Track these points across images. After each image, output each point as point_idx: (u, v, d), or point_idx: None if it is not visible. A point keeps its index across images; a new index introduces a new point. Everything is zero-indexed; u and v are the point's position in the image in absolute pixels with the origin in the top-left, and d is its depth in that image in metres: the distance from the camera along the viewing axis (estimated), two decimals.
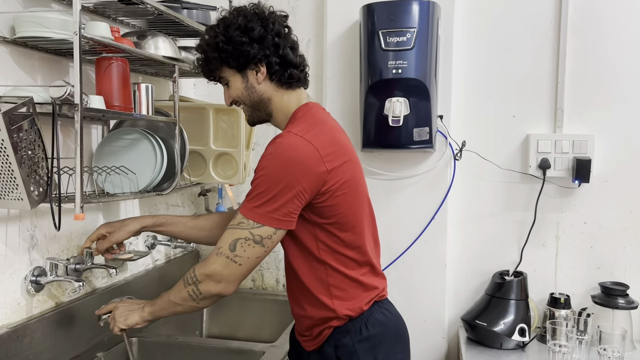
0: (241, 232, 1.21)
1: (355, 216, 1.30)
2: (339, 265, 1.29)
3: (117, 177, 1.58)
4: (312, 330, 1.34)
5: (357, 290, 1.32)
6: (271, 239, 1.22)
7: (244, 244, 1.21)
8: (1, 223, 1.36)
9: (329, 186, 1.23)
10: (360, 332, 1.31)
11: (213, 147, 1.97)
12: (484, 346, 1.91)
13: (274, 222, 1.20)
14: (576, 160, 1.95)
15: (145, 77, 1.93)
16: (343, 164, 1.27)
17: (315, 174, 1.21)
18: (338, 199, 1.25)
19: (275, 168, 1.20)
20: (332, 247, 1.28)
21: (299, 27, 2.25)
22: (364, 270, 1.34)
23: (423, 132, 1.92)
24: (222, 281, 1.23)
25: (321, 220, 1.26)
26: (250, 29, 1.28)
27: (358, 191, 1.32)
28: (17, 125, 1.20)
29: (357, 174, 1.33)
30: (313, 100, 1.41)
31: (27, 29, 1.32)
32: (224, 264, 1.22)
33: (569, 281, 2.05)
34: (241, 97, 1.35)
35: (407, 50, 1.87)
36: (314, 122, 1.31)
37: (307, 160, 1.20)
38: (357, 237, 1.31)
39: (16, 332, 1.38)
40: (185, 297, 1.27)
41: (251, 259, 1.22)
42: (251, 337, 2.08)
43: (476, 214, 2.11)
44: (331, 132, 1.31)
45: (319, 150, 1.22)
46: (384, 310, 1.37)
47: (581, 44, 1.99)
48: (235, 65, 1.31)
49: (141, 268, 1.96)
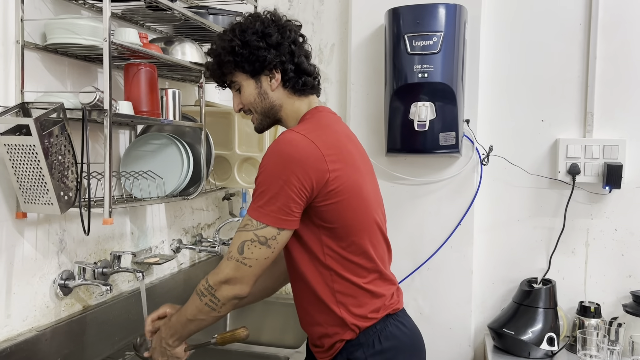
0: (247, 234, 1.20)
1: (361, 222, 1.27)
2: (345, 272, 1.26)
3: (144, 181, 1.59)
4: (324, 342, 1.31)
5: (364, 298, 1.28)
6: (276, 239, 1.20)
7: (251, 246, 1.19)
8: (31, 227, 1.38)
9: (331, 188, 1.20)
10: (373, 345, 1.27)
11: (238, 151, 1.97)
12: (512, 355, 1.88)
13: (277, 222, 1.18)
14: (607, 165, 1.91)
15: (172, 82, 1.95)
16: (344, 167, 1.24)
17: (316, 171, 1.18)
18: (340, 203, 1.22)
19: (275, 165, 1.18)
20: (338, 253, 1.25)
21: (323, 31, 2.25)
22: (371, 277, 1.29)
23: (449, 137, 1.90)
24: (237, 283, 1.22)
25: (326, 224, 1.24)
26: (267, 34, 1.27)
27: (362, 197, 1.27)
28: (48, 131, 1.22)
29: (359, 181, 1.27)
30: (324, 106, 1.40)
31: (58, 35, 1.34)
32: (235, 267, 1.21)
33: (599, 289, 2.00)
34: (253, 103, 1.33)
35: (433, 54, 1.85)
36: (318, 124, 1.29)
37: (308, 157, 1.18)
38: (363, 243, 1.27)
39: (45, 335, 1.39)
40: (204, 310, 1.25)
41: (260, 260, 1.20)
42: (274, 342, 2.08)
43: (503, 220, 2.08)
44: (335, 135, 1.28)
45: (320, 149, 1.20)
46: (398, 324, 1.33)
47: (611, 46, 1.95)
48: (250, 70, 1.29)
49: (167, 272, 1.97)
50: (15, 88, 1.31)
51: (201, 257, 2.23)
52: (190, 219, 2.12)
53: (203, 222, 2.22)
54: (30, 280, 1.39)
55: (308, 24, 2.26)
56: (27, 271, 1.38)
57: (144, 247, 1.82)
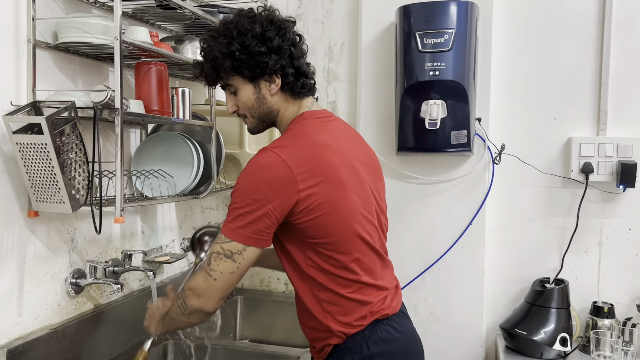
0: (215, 246, 1.22)
1: (340, 236, 1.23)
2: (328, 283, 1.26)
3: (155, 180, 1.59)
4: (315, 344, 1.33)
5: (349, 306, 1.27)
6: (241, 254, 1.20)
7: (217, 258, 1.21)
8: (43, 226, 1.39)
9: (304, 206, 1.19)
10: (360, 350, 1.26)
11: (248, 150, 1.97)
12: (524, 355, 1.86)
13: (243, 239, 1.19)
14: (621, 164, 1.88)
15: (182, 81, 1.95)
16: (320, 183, 1.20)
17: (287, 193, 1.17)
18: (318, 220, 1.21)
19: (247, 186, 1.19)
20: (320, 266, 1.25)
21: (333, 29, 2.24)
22: (355, 287, 1.27)
23: (461, 135, 1.88)
24: (201, 296, 1.23)
25: (306, 239, 1.23)
26: (268, 38, 1.22)
27: (341, 211, 1.22)
28: (60, 130, 1.22)
29: (337, 194, 1.22)
30: (317, 108, 1.34)
31: (69, 34, 1.34)
32: (203, 277, 1.22)
33: (613, 289, 1.98)
34: (251, 108, 1.29)
35: (444, 52, 1.83)
36: (296, 137, 1.25)
37: (278, 180, 1.17)
38: (343, 257, 1.25)
39: (57, 334, 1.40)
40: (177, 312, 1.28)
41: (224, 274, 1.20)
42: (284, 341, 2.07)
43: (516, 219, 2.06)
44: (312, 149, 1.22)
45: (291, 169, 1.17)
46: (389, 328, 1.29)
47: (625, 43, 1.92)
48: (249, 76, 1.25)
49: (177, 270, 1.98)
50: (27, 87, 1.32)
51: None
52: (201, 218, 2.12)
53: (213, 221, 2.23)
54: (42, 279, 1.39)
55: (318, 22, 2.26)
56: (39, 270, 1.38)
57: (154, 246, 1.83)
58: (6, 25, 1.27)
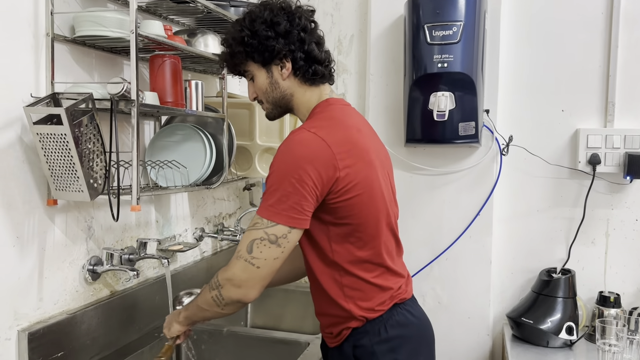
0: (256, 232, 1.18)
1: (370, 218, 1.26)
2: (352, 268, 1.26)
3: (169, 170, 1.63)
4: (332, 329, 1.33)
5: (372, 292, 1.28)
6: (286, 238, 1.17)
7: (260, 245, 1.17)
8: (61, 214, 1.43)
9: (342, 186, 1.19)
10: (379, 333, 1.28)
11: (259, 142, 2.00)
12: (530, 344, 1.89)
13: (288, 220, 1.16)
14: (628, 155, 1.90)
15: (194, 74, 1.99)
16: (355, 163, 1.22)
17: (327, 170, 1.17)
18: (352, 200, 1.21)
19: (287, 165, 1.17)
20: (346, 249, 1.25)
21: (342, 22, 2.26)
22: (378, 271, 1.29)
23: (469, 127, 1.91)
24: (241, 286, 1.19)
25: (335, 220, 1.23)
26: (276, 23, 1.26)
27: (373, 193, 1.26)
28: (78, 121, 1.26)
29: (371, 176, 1.26)
30: (336, 96, 1.38)
31: (86, 28, 1.38)
32: (243, 267, 1.18)
33: (619, 280, 2.00)
34: (265, 92, 1.33)
35: (453, 44, 1.85)
36: (329, 119, 1.27)
37: (318, 156, 1.17)
38: (371, 239, 1.27)
39: (75, 319, 1.44)
40: (210, 302, 1.25)
41: (268, 261, 1.17)
42: (294, 329, 2.11)
43: (523, 210, 2.08)
44: (347, 130, 1.26)
45: (331, 147, 1.18)
46: (406, 312, 1.33)
47: (634, 35, 1.93)
48: (260, 60, 1.29)
49: (190, 259, 2.02)
50: (46, 79, 1.36)
51: (223, 245, 2.27)
52: (212, 209, 2.17)
53: (224, 212, 2.27)
54: (61, 266, 1.44)
55: (327, 15, 2.28)
56: (58, 256, 1.43)
57: (168, 235, 1.87)
58: (26, 19, 1.31)
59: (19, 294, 1.32)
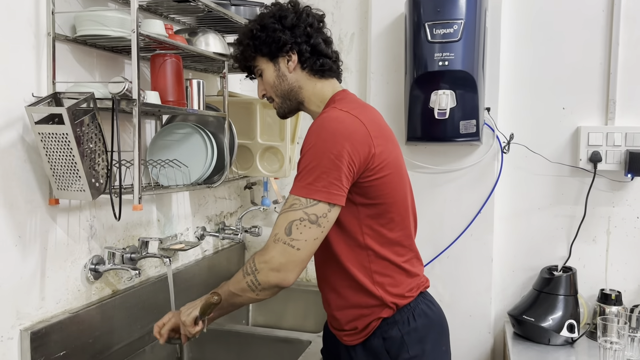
0: (295, 213, 1.15)
1: (399, 198, 1.28)
2: (384, 251, 1.26)
3: (170, 169, 1.64)
4: (357, 323, 1.30)
5: (401, 277, 1.29)
6: (326, 217, 1.15)
7: (300, 226, 1.14)
8: (63, 213, 1.44)
9: (377, 164, 1.21)
10: (408, 323, 1.29)
11: (260, 141, 2.00)
12: (532, 341, 1.89)
13: (329, 197, 1.14)
14: (629, 153, 1.90)
15: (195, 73, 1.99)
16: (386, 143, 1.26)
17: (364, 146, 1.19)
18: (384, 179, 1.23)
19: (324, 141, 1.16)
20: (377, 231, 1.25)
21: (343, 20, 2.26)
22: (408, 256, 1.32)
23: (470, 125, 1.91)
24: (280, 270, 1.15)
25: (367, 201, 1.23)
26: (283, 17, 1.31)
27: (401, 173, 1.31)
28: (80, 120, 1.26)
29: (399, 158, 1.32)
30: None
31: (87, 27, 1.38)
32: (282, 250, 1.15)
33: (620, 277, 2.00)
34: (273, 86, 1.35)
35: (453, 42, 1.85)
36: (355, 102, 1.32)
37: (355, 132, 1.18)
38: (402, 220, 1.28)
39: (77, 317, 1.45)
40: (244, 288, 1.21)
41: (309, 242, 1.14)
42: (295, 328, 2.11)
43: (524, 208, 2.08)
44: (374, 113, 1.33)
45: (365, 125, 1.21)
46: (428, 302, 1.37)
47: (635, 33, 1.93)
48: (268, 52, 1.32)
49: (191, 258, 2.02)
50: (47, 79, 1.36)
51: (224, 244, 2.27)
52: (214, 207, 2.17)
53: (226, 211, 2.27)
54: (63, 265, 1.44)
55: (328, 13, 2.26)
56: (60, 256, 1.43)
57: (169, 234, 1.87)
58: (27, 19, 1.31)
59: (21, 293, 1.32)
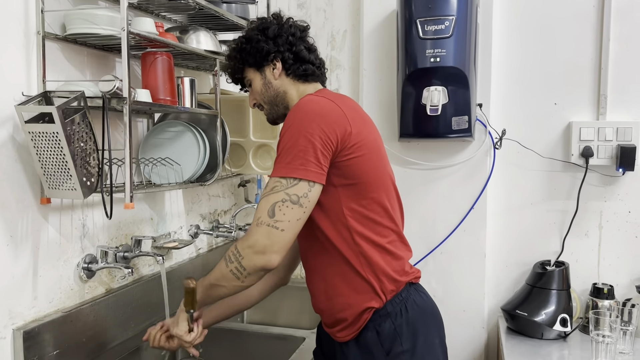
0: (277, 195, 1.17)
1: (379, 179, 1.30)
2: (366, 231, 1.27)
3: (162, 168, 1.63)
4: (346, 314, 1.30)
5: (386, 257, 1.30)
6: (307, 197, 1.17)
7: (282, 207, 1.16)
8: (55, 212, 1.43)
9: (353, 142, 1.24)
10: (400, 314, 1.30)
11: (253, 138, 2.00)
12: (525, 336, 1.90)
13: (308, 174, 1.17)
14: (620, 148, 1.91)
15: (187, 71, 1.98)
16: (363, 125, 1.29)
17: (340, 125, 1.22)
18: (361, 158, 1.25)
19: (301, 121, 1.20)
20: (358, 211, 1.26)
21: (335, 17, 2.26)
22: (392, 237, 1.33)
23: (462, 121, 1.91)
24: (266, 252, 1.16)
25: (345, 181, 1.25)
26: (266, 28, 1.38)
27: (381, 154, 1.33)
28: (70, 119, 1.25)
29: (378, 140, 1.35)
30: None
31: (77, 26, 1.37)
32: (266, 233, 1.16)
33: (613, 271, 2.01)
34: (260, 94, 1.41)
35: (445, 39, 1.86)
36: (332, 94, 1.36)
37: (331, 112, 1.23)
38: (382, 200, 1.29)
39: (70, 317, 1.44)
40: (228, 277, 1.21)
41: (292, 222, 1.16)
42: (290, 325, 2.12)
43: (517, 204, 2.09)
44: (350, 101, 1.36)
45: (341, 108, 1.26)
46: (421, 294, 1.38)
47: (625, 28, 1.94)
48: (254, 63, 1.39)
49: (185, 256, 2.02)
50: (37, 78, 1.35)
51: (218, 242, 2.27)
52: (207, 205, 2.17)
53: (219, 209, 2.27)
54: (55, 264, 1.44)
55: (320, 10, 2.28)
56: (52, 255, 1.43)
57: (163, 232, 1.87)
58: (16, 17, 1.30)
59: (14, 292, 1.32)
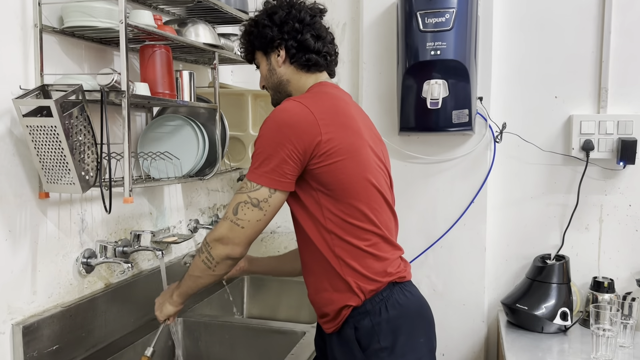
0: (241, 196, 1.26)
1: (357, 184, 1.28)
2: (346, 235, 1.28)
3: (161, 162, 1.62)
4: (329, 309, 1.33)
5: (367, 260, 1.30)
6: (267, 202, 1.25)
7: (244, 207, 1.25)
8: (54, 207, 1.42)
9: (324, 150, 1.24)
10: (379, 313, 1.29)
11: (252, 132, 1.99)
12: (525, 330, 1.90)
13: (269, 182, 1.24)
14: (621, 141, 1.90)
15: (185, 64, 1.97)
16: (340, 129, 1.27)
17: (308, 135, 1.23)
18: (335, 165, 1.25)
19: (270, 130, 1.25)
20: (338, 216, 1.28)
21: (335, 10, 2.25)
22: (373, 240, 1.31)
23: (462, 115, 1.90)
24: (228, 243, 1.27)
25: (321, 187, 1.27)
26: (273, 13, 1.37)
27: (359, 159, 1.29)
28: (68, 112, 1.24)
29: (357, 144, 1.29)
30: (334, 83, 1.45)
31: (75, 18, 1.36)
32: (229, 227, 1.27)
33: (613, 265, 2.01)
34: (266, 78, 1.43)
35: (446, 31, 1.84)
36: (317, 92, 1.36)
37: (300, 122, 1.24)
38: (361, 206, 1.29)
39: (69, 311, 1.44)
40: (202, 267, 1.32)
41: (252, 222, 1.26)
42: (290, 319, 2.12)
43: (517, 197, 2.08)
44: (335, 101, 1.33)
45: (313, 113, 1.25)
46: (406, 292, 1.35)
47: (626, 21, 1.93)
48: (260, 47, 1.41)
49: (185, 251, 2.01)
50: (35, 71, 1.34)
51: None
52: (206, 200, 2.16)
53: (219, 203, 2.26)
54: (54, 259, 1.43)
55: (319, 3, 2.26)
56: (51, 250, 1.42)
57: (162, 227, 1.86)
58: (13, 10, 1.29)
59: (13, 287, 1.31)
